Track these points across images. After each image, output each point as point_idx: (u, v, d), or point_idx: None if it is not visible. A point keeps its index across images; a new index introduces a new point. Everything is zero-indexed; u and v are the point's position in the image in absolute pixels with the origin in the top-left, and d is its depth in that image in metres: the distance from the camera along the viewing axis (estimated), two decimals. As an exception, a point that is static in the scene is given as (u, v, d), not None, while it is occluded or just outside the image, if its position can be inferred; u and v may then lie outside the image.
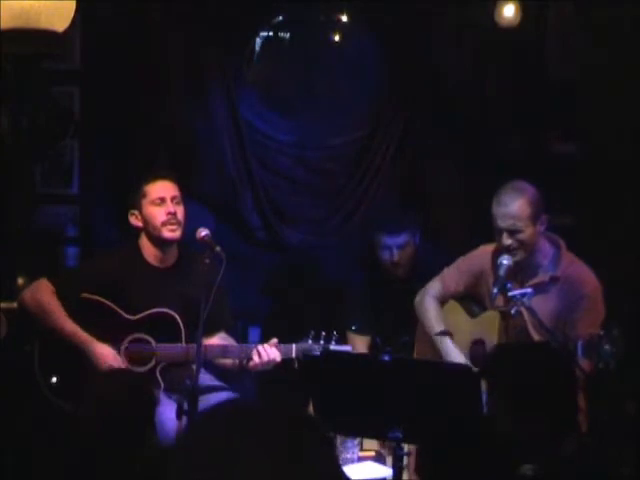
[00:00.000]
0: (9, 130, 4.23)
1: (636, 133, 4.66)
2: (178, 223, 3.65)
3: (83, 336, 3.53)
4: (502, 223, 3.52)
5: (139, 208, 3.70)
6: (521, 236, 3.52)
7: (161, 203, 3.66)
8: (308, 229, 5.17)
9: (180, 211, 3.68)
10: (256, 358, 3.56)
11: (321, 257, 5.14)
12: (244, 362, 3.61)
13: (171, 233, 3.65)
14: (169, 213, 3.64)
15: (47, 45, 3.11)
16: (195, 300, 3.42)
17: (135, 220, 3.72)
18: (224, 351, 3.65)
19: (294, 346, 3.59)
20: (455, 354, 3.74)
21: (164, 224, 3.64)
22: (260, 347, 3.57)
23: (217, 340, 3.75)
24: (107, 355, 3.52)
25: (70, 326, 3.54)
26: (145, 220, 3.69)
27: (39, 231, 4.69)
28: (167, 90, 4.86)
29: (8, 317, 3.95)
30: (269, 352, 3.55)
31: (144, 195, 3.69)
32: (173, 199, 3.68)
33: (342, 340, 4.36)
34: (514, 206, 3.51)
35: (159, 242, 3.69)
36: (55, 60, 4.18)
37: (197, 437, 1.31)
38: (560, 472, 2.34)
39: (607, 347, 3.14)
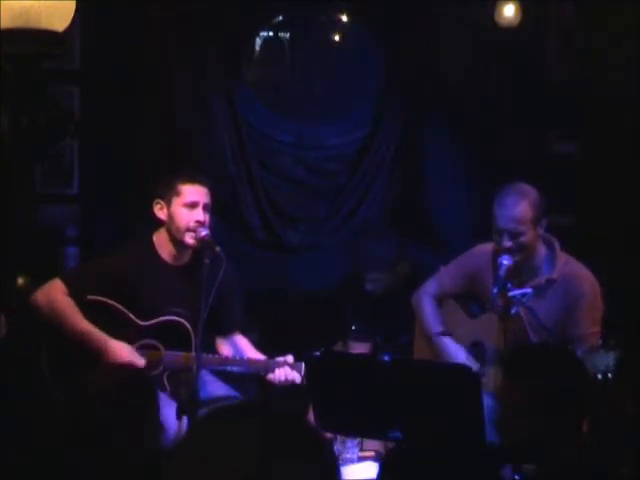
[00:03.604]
0: (9, 130, 4.22)
1: (636, 133, 4.65)
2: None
3: (98, 335, 3.50)
4: (504, 225, 3.50)
5: (168, 203, 3.61)
6: (522, 239, 3.50)
7: (192, 207, 3.57)
8: (308, 229, 5.17)
9: (207, 220, 3.61)
10: (277, 377, 3.53)
11: (320, 258, 5.14)
12: (261, 373, 3.58)
13: (193, 240, 3.57)
14: (197, 221, 3.55)
15: (47, 45, 3.10)
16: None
17: (160, 211, 3.61)
18: (224, 363, 3.61)
19: (303, 365, 3.53)
20: (455, 351, 3.73)
21: (189, 230, 3.57)
22: (284, 367, 3.53)
23: (229, 344, 3.73)
24: (123, 352, 3.49)
25: (84, 325, 3.51)
26: (170, 217, 3.59)
27: (39, 231, 4.68)
28: (167, 90, 4.86)
29: (8, 317, 3.95)
30: (289, 373, 3.52)
31: (177, 193, 3.58)
32: (205, 207, 3.60)
33: (344, 346, 4.37)
34: (517, 209, 3.48)
35: (177, 243, 3.63)
36: (55, 60, 4.18)
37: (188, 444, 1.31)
38: (560, 472, 2.34)
39: (604, 358, 3.15)
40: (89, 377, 2.77)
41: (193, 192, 3.58)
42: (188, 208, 3.56)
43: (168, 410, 3.32)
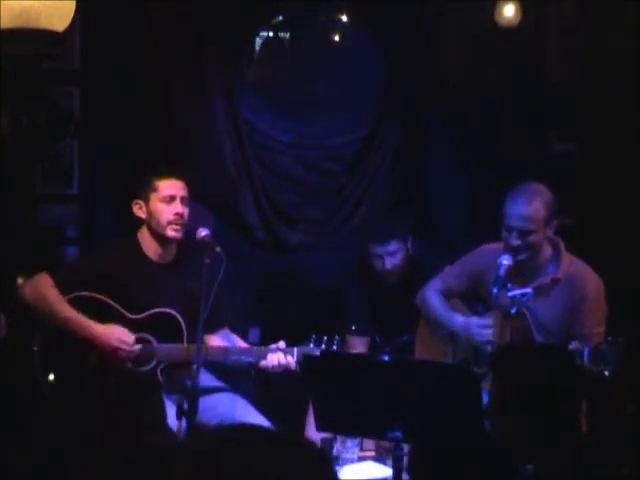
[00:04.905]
0: (9, 130, 4.22)
1: (636, 133, 4.65)
2: (183, 224, 3.66)
3: (86, 321, 3.53)
4: (515, 223, 3.50)
5: (146, 200, 3.68)
6: (531, 238, 3.51)
7: (170, 201, 3.65)
8: (308, 229, 5.16)
9: (186, 212, 3.67)
10: (270, 362, 3.54)
11: (321, 258, 5.13)
12: (253, 362, 3.59)
13: (174, 233, 3.65)
14: (177, 213, 3.63)
15: (47, 45, 3.10)
16: (196, 297, 3.42)
17: (139, 211, 3.71)
18: (226, 353, 3.63)
19: (296, 349, 3.57)
20: (472, 324, 3.73)
21: (170, 223, 3.64)
22: (276, 352, 3.55)
23: (218, 338, 3.75)
24: (115, 333, 3.51)
25: (71, 313, 3.54)
26: (150, 214, 3.68)
27: (39, 231, 4.68)
28: (167, 90, 4.86)
29: (8, 317, 3.95)
30: (282, 358, 3.54)
31: (154, 189, 3.67)
32: (183, 200, 3.67)
33: (342, 342, 4.37)
34: (530, 208, 3.49)
35: (160, 238, 3.69)
36: (55, 60, 4.17)
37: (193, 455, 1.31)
38: (560, 472, 2.34)
39: (612, 355, 3.16)
40: (88, 375, 2.77)
41: (169, 186, 3.67)
42: (166, 203, 3.64)
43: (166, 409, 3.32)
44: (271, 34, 5.31)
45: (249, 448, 1.31)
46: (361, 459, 3.51)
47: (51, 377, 3.55)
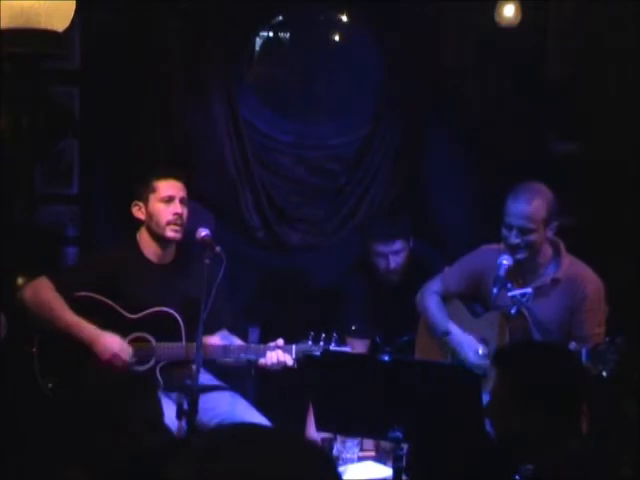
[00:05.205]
0: (9, 130, 4.22)
1: (636, 133, 4.65)
2: (182, 224, 3.67)
3: (87, 327, 3.53)
4: (515, 221, 3.51)
5: (145, 201, 3.69)
6: (531, 237, 3.51)
7: (169, 202, 3.66)
8: (308, 229, 5.16)
9: (185, 213, 3.69)
10: (269, 360, 3.55)
11: (321, 258, 5.13)
12: (252, 360, 3.60)
13: (174, 233, 3.66)
14: (176, 213, 3.65)
15: (47, 45, 3.11)
16: (195, 298, 3.42)
17: (138, 212, 3.72)
18: (225, 351, 3.64)
19: (294, 347, 3.58)
20: (467, 341, 3.73)
21: (169, 223, 3.65)
22: (275, 350, 3.56)
23: (218, 339, 3.75)
24: (113, 344, 3.51)
25: (73, 318, 3.54)
26: (149, 215, 3.69)
27: (39, 231, 4.68)
28: (167, 90, 4.86)
29: (8, 317, 3.95)
30: (280, 355, 3.54)
31: (153, 190, 3.68)
32: (182, 200, 3.68)
33: (342, 342, 4.37)
34: (531, 207, 3.50)
35: (160, 239, 3.70)
36: (55, 60, 4.18)
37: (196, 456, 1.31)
38: (560, 472, 2.34)
39: (611, 355, 3.17)
40: (86, 377, 2.77)
41: (168, 187, 3.68)
42: (165, 203, 3.65)
43: (165, 408, 3.32)
44: (271, 34, 5.31)
45: (249, 448, 1.31)
46: (361, 459, 3.51)
47: (49, 378, 3.56)
